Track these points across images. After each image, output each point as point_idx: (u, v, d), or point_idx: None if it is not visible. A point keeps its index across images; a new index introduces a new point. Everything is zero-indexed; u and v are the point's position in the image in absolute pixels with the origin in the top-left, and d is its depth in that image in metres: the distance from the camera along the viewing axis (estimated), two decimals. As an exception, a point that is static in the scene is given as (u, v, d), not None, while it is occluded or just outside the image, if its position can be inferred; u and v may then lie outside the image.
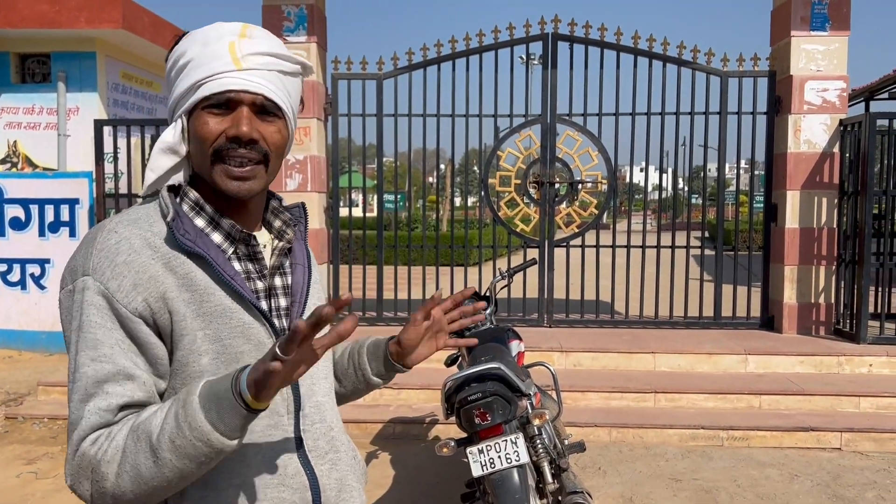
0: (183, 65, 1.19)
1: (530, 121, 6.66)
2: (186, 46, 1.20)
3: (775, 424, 4.88)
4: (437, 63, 6.67)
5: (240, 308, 1.18)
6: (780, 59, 6.45)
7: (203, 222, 1.21)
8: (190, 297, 1.15)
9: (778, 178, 6.51)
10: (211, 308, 1.16)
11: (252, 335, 1.19)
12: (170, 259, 1.16)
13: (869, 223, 5.89)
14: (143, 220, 1.18)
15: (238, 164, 1.17)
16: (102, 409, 1.09)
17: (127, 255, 1.13)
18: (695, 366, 5.74)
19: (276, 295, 1.27)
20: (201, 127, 1.17)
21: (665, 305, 6.69)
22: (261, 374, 1.00)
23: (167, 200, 1.19)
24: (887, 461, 4.58)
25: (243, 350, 1.18)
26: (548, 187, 6.60)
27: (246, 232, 1.23)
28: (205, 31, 1.21)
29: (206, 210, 1.21)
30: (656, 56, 6.56)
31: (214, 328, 1.16)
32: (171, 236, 1.17)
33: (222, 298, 1.17)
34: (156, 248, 1.16)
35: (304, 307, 1.30)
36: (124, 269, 1.12)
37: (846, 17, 6.18)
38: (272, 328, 1.22)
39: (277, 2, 6.46)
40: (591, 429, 4.92)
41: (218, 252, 1.19)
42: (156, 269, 1.14)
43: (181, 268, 1.16)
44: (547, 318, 6.70)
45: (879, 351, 5.67)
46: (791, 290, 6.36)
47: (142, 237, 1.16)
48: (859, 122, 5.99)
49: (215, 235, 1.21)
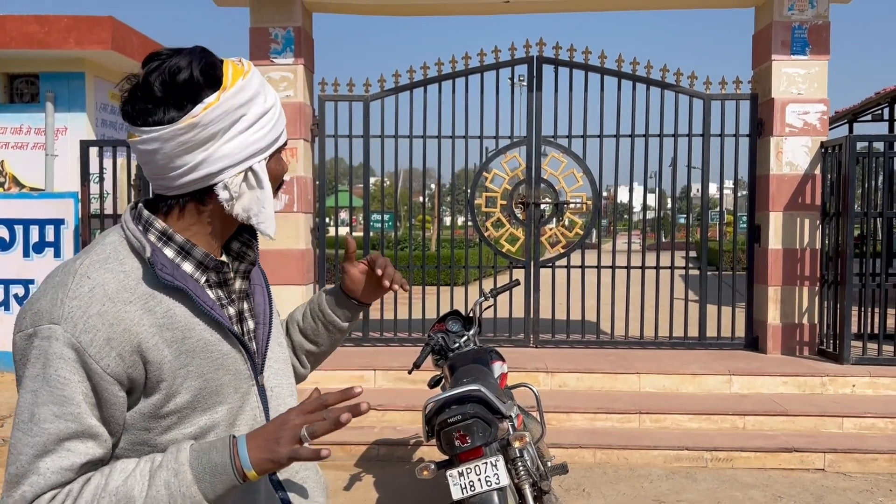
0: (269, 107, 1.22)
1: (516, 142, 6.71)
2: (258, 87, 1.20)
3: (759, 445, 4.89)
4: (423, 85, 6.73)
5: (218, 338, 1.19)
6: (762, 82, 6.55)
7: (172, 252, 1.19)
8: (171, 336, 1.14)
9: (761, 200, 6.58)
10: (193, 344, 1.16)
11: (230, 365, 1.21)
12: (147, 300, 1.14)
13: (850, 244, 5.95)
14: (113, 259, 1.15)
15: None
16: (64, 468, 1.06)
17: (101, 305, 1.09)
18: (680, 386, 5.76)
19: (245, 318, 1.29)
20: (283, 167, 1.29)
21: (651, 326, 6.72)
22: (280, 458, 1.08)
23: (138, 234, 1.17)
24: (870, 482, 4.59)
25: (223, 381, 1.19)
26: (533, 208, 6.64)
27: (218, 260, 1.24)
28: (258, 73, 1.22)
29: (175, 240, 1.20)
30: (640, 79, 6.64)
31: (197, 364, 1.16)
32: (146, 272, 1.15)
33: (202, 332, 1.17)
34: (131, 289, 1.13)
35: (269, 328, 1.32)
36: (98, 322, 1.08)
37: (826, 41, 6.28)
38: (247, 353, 1.24)
39: (265, 24, 6.51)
40: (575, 450, 4.91)
41: (194, 283, 1.19)
42: (132, 317, 1.11)
43: (160, 307, 1.14)
44: (533, 338, 6.71)
45: (862, 371, 5.71)
46: (775, 311, 6.40)
47: (115, 280, 1.13)
48: (840, 144, 6.07)
49: (186, 265, 1.20)
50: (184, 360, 1.15)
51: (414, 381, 5.74)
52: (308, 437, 1.08)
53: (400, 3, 6.73)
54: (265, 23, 6.51)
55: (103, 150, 6.65)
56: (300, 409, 1.11)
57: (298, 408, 1.12)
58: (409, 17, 6.90)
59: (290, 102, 6.47)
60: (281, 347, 1.37)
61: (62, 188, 7.76)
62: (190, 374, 1.15)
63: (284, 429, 1.09)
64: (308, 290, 6.64)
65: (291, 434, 1.08)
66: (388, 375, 5.93)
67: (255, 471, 1.09)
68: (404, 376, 5.77)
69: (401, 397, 5.58)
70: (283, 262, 6.32)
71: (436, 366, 3.89)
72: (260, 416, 1.25)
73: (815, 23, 6.26)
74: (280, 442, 1.08)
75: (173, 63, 1.13)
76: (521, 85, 6.44)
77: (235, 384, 1.21)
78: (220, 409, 1.19)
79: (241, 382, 1.23)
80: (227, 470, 1.07)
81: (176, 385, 1.14)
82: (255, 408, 1.25)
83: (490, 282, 10.58)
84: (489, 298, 4.05)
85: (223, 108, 1.14)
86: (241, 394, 1.23)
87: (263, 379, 1.28)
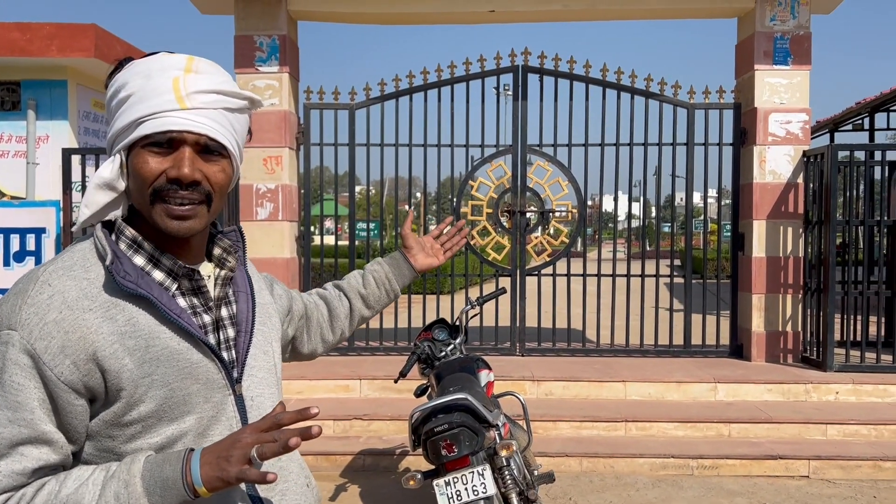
0: (124, 97, 1.15)
1: (501, 151, 6.72)
2: (128, 78, 1.16)
3: (744, 453, 4.90)
4: (409, 94, 6.73)
5: (187, 347, 1.17)
6: (745, 91, 6.61)
7: (143, 260, 1.18)
8: (134, 344, 1.12)
9: (744, 208, 6.63)
10: (157, 353, 1.14)
11: (200, 374, 1.18)
12: (109, 307, 1.12)
13: (833, 252, 6.00)
14: (79, 266, 1.14)
15: (178, 203, 1.15)
16: (17, 472, 1.06)
17: (58, 313, 1.09)
18: (665, 394, 5.77)
19: (223, 326, 1.26)
20: (141, 166, 1.14)
21: (636, 334, 6.73)
22: (229, 478, 1.04)
23: (104, 241, 1.16)
24: (854, 489, 4.61)
25: (191, 391, 1.17)
26: (519, 216, 6.64)
27: (188, 267, 1.21)
28: (148, 63, 1.17)
29: (144, 247, 1.19)
30: (624, 88, 6.68)
31: (161, 373, 1.14)
32: (109, 280, 1.13)
33: (167, 341, 1.15)
34: (92, 297, 1.12)
35: (250, 336, 1.29)
36: (53, 329, 1.08)
37: (807, 51, 6.35)
38: (221, 362, 1.21)
39: (250, 32, 6.49)
40: (561, 458, 4.90)
41: (161, 291, 1.17)
42: (89, 325, 1.10)
43: (122, 315, 1.12)
44: (519, 346, 6.70)
45: (846, 378, 5.75)
46: (759, 319, 6.44)
47: (77, 287, 1.12)
48: (822, 153, 6.13)
49: (156, 273, 1.18)
50: (147, 369, 1.13)
51: (399, 391, 5.71)
52: (258, 458, 1.05)
53: (385, 11, 6.73)
54: (250, 31, 6.50)
55: (86, 159, 6.58)
56: (254, 426, 1.08)
57: (253, 425, 1.08)
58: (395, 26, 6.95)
59: (276, 110, 6.45)
60: (266, 356, 1.34)
61: (44, 197, 7.67)
62: (154, 382, 1.13)
63: (235, 447, 1.06)
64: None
65: (242, 453, 1.05)
66: (374, 384, 5.90)
67: (205, 487, 1.06)
68: (390, 385, 5.74)
69: (386, 406, 5.55)
70: (267, 271, 6.17)
71: (422, 375, 3.87)
72: (237, 426, 1.23)
73: (796, 33, 6.33)
74: (230, 461, 1.05)
75: None
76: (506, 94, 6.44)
77: (206, 394, 1.19)
78: (189, 418, 1.17)
79: (214, 392, 1.20)
80: (178, 485, 1.05)
81: (138, 394, 1.12)
82: (231, 418, 1.23)
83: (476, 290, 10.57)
84: (475, 307, 4.04)
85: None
86: (214, 403, 1.20)
87: (242, 388, 1.25)
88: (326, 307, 1.73)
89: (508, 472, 3.09)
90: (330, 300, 1.75)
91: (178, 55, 1.19)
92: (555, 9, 6.62)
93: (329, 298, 1.75)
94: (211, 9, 6.99)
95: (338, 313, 1.73)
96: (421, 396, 3.90)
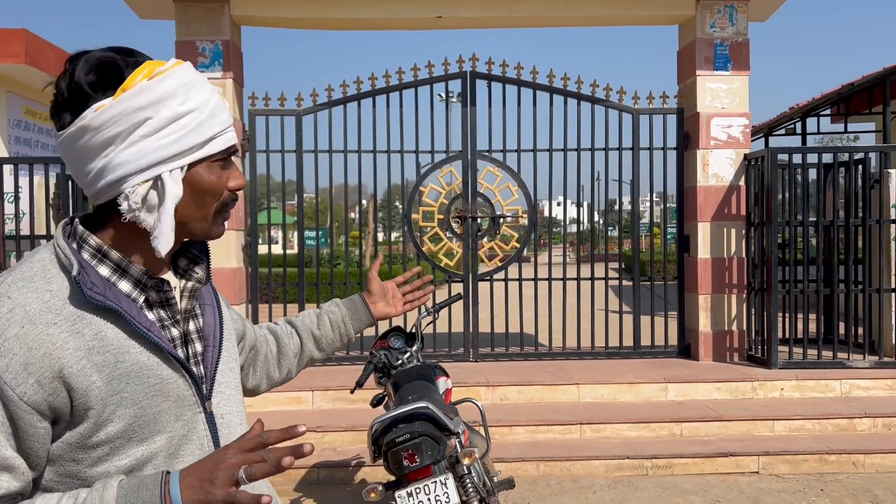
0: (184, 111, 1.08)
1: (451, 157, 6.71)
2: (172, 89, 1.08)
3: (697, 451, 4.98)
4: (357, 99, 6.66)
5: (157, 362, 1.11)
6: (687, 96, 6.75)
7: (108, 270, 1.11)
8: (102, 360, 1.05)
9: (689, 211, 6.77)
10: (126, 369, 1.07)
11: (171, 391, 1.12)
12: (74, 321, 1.05)
13: (775, 252, 6.17)
14: (40, 277, 1.07)
15: (228, 211, 1.19)
16: None
17: (19, 328, 1.01)
18: (618, 395, 5.83)
19: (191, 340, 1.20)
20: (215, 181, 1.14)
21: (587, 336, 6.79)
22: (215, 501, 0.98)
23: (67, 251, 1.08)
24: (802, 483, 4.73)
25: (162, 409, 1.11)
26: (470, 222, 6.64)
27: (158, 278, 1.15)
28: (185, 73, 1.11)
29: (110, 257, 1.11)
30: (571, 94, 6.75)
31: (132, 390, 1.08)
32: (74, 292, 1.06)
33: (137, 356, 1.09)
34: (56, 310, 1.05)
35: (219, 350, 1.24)
36: (15, 345, 1.00)
37: (746, 57, 6.54)
38: (191, 378, 1.15)
39: (192, 37, 6.33)
40: (518, 463, 4.89)
41: (129, 303, 1.10)
42: (54, 340, 1.03)
43: (89, 329, 1.06)
44: (473, 352, 6.69)
45: (790, 375, 5.91)
46: (706, 319, 6.57)
47: (39, 300, 1.04)
48: (762, 156, 6.30)
49: (123, 284, 1.12)
50: (116, 386, 1.06)
51: (353, 401, 5.62)
52: (246, 479, 0.99)
53: (331, 17, 6.65)
54: (192, 36, 6.34)
55: (18, 168, 6.30)
56: (238, 446, 1.02)
57: (236, 445, 1.02)
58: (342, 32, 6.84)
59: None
60: (232, 372, 1.29)
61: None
62: (124, 400, 1.06)
63: (220, 468, 1.00)
64: (240, 309, 6.44)
65: (228, 475, 0.99)
66: (327, 395, 5.80)
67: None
68: (343, 396, 5.66)
69: (340, 417, 5.46)
70: (214, 281, 6.10)
71: (378, 384, 3.80)
72: (208, 445, 1.17)
73: (735, 40, 6.51)
74: (215, 483, 0.99)
75: (70, 69, 1.08)
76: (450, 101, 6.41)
77: (177, 411, 1.13)
78: (159, 438, 1.11)
79: (185, 410, 1.14)
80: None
81: (107, 413, 1.05)
82: (202, 437, 1.16)
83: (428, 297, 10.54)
84: (431, 314, 4.00)
85: (117, 109, 1.05)
86: (185, 421, 1.14)
87: (212, 405, 1.19)
88: (276, 343, 1.65)
89: (470, 480, 3.06)
90: (280, 336, 1.67)
91: (187, 62, 1.16)
92: (500, 15, 6.65)
93: (279, 334, 1.67)
94: (150, 13, 6.79)
95: (287, 351, 1.66)
96: (378, 406, 3.83)
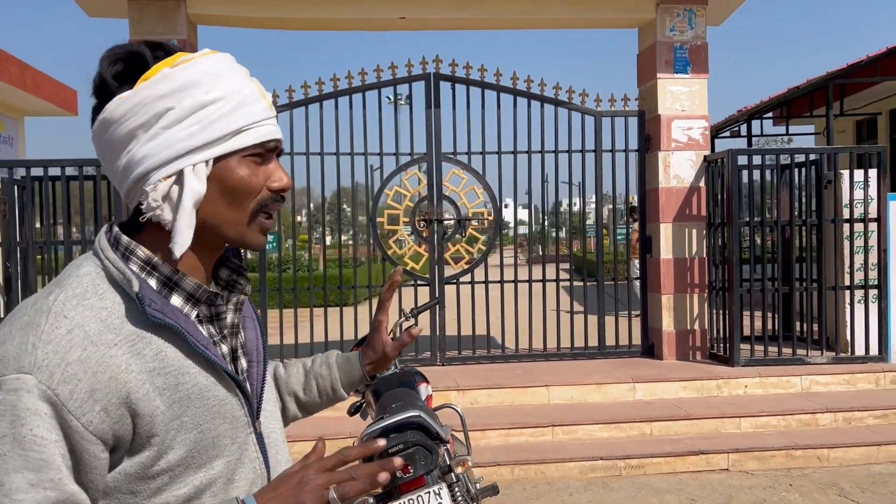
0: (208, 101, 0.99)
1: (416, 159, 6.65)
2: (199, 77, 0.99)
3: (668, 450, 5.04)
4: (318, 101, 6.54)
5: (213, 382, 1.03)
6: (648, 99, 6.84)
7: (157, 284, 1.02)
8: (164, 382, 0.97)
9: (651, 212, 6.85)
10: (187, 391, 0.99)
11: (227, 412, 1.04)
12: (135, 341, 0.96)
13: (736, 252, 6.29)
14: (91, 294, 0.97)
15: (269, 216, 1.07)
16: None
17: (82, 350, 0.92)
18: (586, 396, 5.85)
19: (238, 357, 1.12)
20: (249, 178, 1.03)
21: (553, 338, 6.81)
22: None
23: (120, 265, 0.99)
24: (771, 478, 4.82)
25: (220, 431, 1.03)
26: (436, 225, 6.59)
27: (212, 291, 1.07)
28: (212, 62, 1.02)
29: (160, 269, 1.02)
30: (534, 96, 6.76)
31: (192, 414, 0.99)
32: (129, 309, 0.98)
33: (196, 376, 1.01)
34: (116, 330, 0.96)
35: (264, 366, 1.16)
36: (79, 370, 0.91)
37: (705, 61, 6.65)
38: (245, 398, 1.08)
39: (146, 36, 6.05)
40: (493, 468, 4.86)
41: (186, 320, 1.02)
42: (118, 363, 0.94)
43: (149, 349, 0.97)
44: (440, 356, 6.64)
45: (752, 372, 6.03)
46: (669, 318, 6.66)
47: (97, 319, 0.95)
48: (721, 158, 6.42)
49: (174, 298, 1.03)
50: (177, 410, 0.98)
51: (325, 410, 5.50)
52: (338, 499, 0.93)
53: (291, 17, 6.52)
54: (146, 35, 6.12)
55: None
56: (319, 465, 0.96)
57: (316, 465, 0.97)
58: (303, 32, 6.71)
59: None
60: (271, 388, 1.22)
61: None
62: (184, 425, 0.98)
63: (305, 490, 0.94)
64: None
65: (316, 497, 0.93)
66: (294, 403, 5.66)
67: None
68: (311, 403, 5.54)
69: (310, 426, 5.32)
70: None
71: (356, 392, 3.72)
72: (260, 467, 1.09)
73: (694, 43, 6.62)
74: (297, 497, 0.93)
75: (101, 60, 1.01)
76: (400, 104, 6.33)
77: (233, 434, 1.05)
78: (217, 463, 1.02)
79: (239, 431, 1.06)
80: None
81: (168, 439, 0.97)
82: (254, 459, 1.09)
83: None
84: (410, 318, 3.93)
85: (137, 98, 0.97)
86: (239, 444, 1.06)
87: (260, 425, 1.12)
88: None
89: (459, 489, 3.00)
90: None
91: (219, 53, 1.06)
92: (464, 17, 6.63)
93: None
94: (100, 11, 6.55)
95: None
96: (355, 414, 3.74)
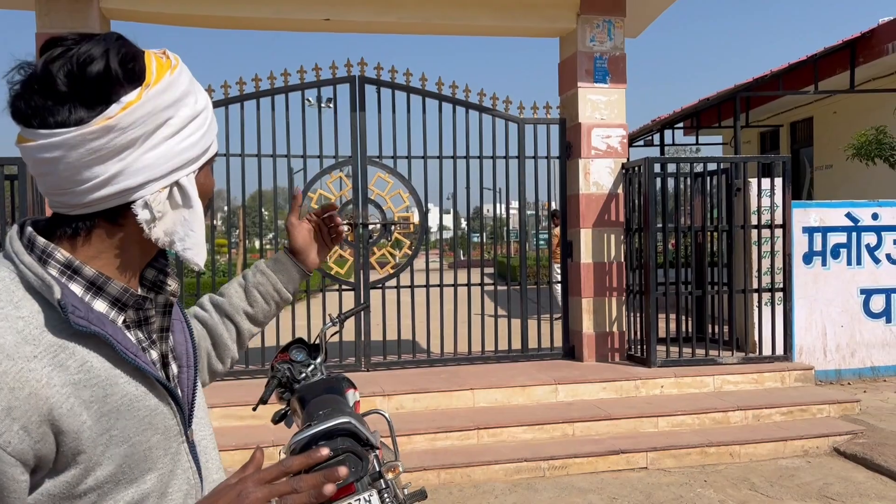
0: (201, 109, 1.02)
1: (341, 162, 6.58)
2: (189, 85, 1.00)
3: (590, 450, 5.15)
4: (239, 101, 6.39)
5: (144, 392, 0.97)
6: (569, 107, 7.00)
7: (80, 289, 0.95)
8: (90, 395, 0.91)
9: (572, 218, 7.01)
10: (116, 403, 0.93)
11: (159, 422, 0.99)
12: (57, 352, 0.89)
13: (653, 257, 6.51)
14: (6, 302, 0.90)
15: None
16: None
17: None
18: (511, 399, 5.92)
19: (168, 363, 1.07)
20: (212, 184, 1.11)
21: (477, 341, 6.87)
22: None
23: (37, 269, 0.92)
24: (687, 475, 5.01)
25: (152, 443, 0.98)
26: (361, 229, 6.54)
27: (139, 295, 1.01)
28: (184, 67, 1.02)
29: (82, 274, 0.95)
30: (459, 102, 6.81)
31: (122, 426, 0.94)
32: (49, 317, 0.91)
33: (126, 386, 0.95)
34: (34, 341, 0.88)
35: (195, 371, 1.11)
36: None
37: (623, 71, 6.87)
38: (178, 406, 1.03)
39: (55, 30, 5.81)
40: (420, 472, 4.86)
41: (113, 326, 0.96)
42: (38, 377, 0.87)
43: (73, 360, 0.90)
44: (365, 361, 6.58)
45: (668, 373, 6.24)
46: (589, 321, 6.83)
47: (14, 330, 0.87)
48: (638, 165, 6.64)
49: (98, 303, 0.96)
50: (106, 424, 0.92)
51: (241, 418, 5.41)
52: None
53: (210, 14, 6.35)
54: (55, 29, 5.83)
55: None
56: (258, 477, 0.91)
57: (255, 476, 0.91)
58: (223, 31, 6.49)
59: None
60: (200, 392, 1.17)
61: None
62: (113, 439, 0.92)
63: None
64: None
65: None
66: (214, 413, 5.50)
67: None
68: (231, 413, 5.40)
69: (230, 436, 5.19)
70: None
71: (281, 399, 3.63)
72: (194, 477, 1.05)
73: (613, 54, 6.82)
74: None
75: (83, 50, 0.92)
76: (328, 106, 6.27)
77: (165, 445, 1.00)
78: (150, 477, 0.97)
79: (171, 441, 1.01)
80: None
81: (97, 455, 0.91)
82: (187, 469, 1.04)
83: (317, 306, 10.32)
84: (336, 324, 3.89)
85: (146, 108, 0.94)
86: (172, 455, 1.01)
87: (192, 433, 1.07)
88: (210, 338, 1.50)
89: (388, 494, 2.98)
90: (213, 327, 1.50)
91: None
92: (390, 20, 6.61)
93: (211, 325, 1.51)
94: (4, 2, 6.20)
95: (224, 341, 1.50)
96: (280, 422, 3.66)
